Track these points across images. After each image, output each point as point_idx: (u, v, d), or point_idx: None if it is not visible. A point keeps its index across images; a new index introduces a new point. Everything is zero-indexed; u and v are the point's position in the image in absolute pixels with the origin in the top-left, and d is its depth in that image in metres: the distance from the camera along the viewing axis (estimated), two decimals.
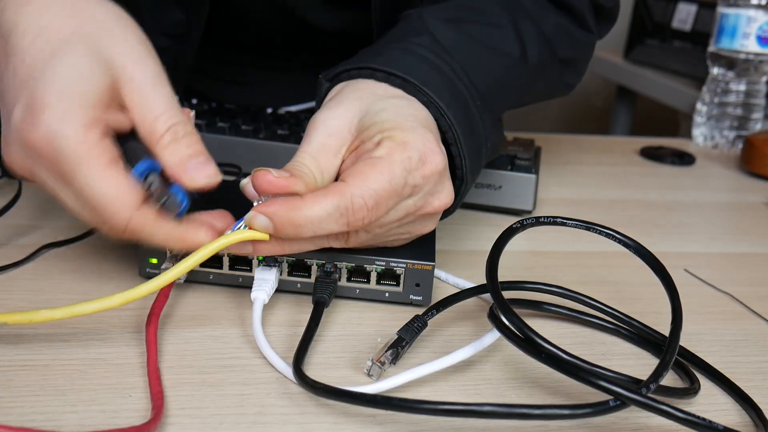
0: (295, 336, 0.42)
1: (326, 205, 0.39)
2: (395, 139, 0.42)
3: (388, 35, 0.53)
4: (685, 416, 0.33)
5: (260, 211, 0.39)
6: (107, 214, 0.38)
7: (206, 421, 0.35)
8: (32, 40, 0.39)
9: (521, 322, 0.37)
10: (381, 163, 0.41)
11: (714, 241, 0.64)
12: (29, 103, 0.37)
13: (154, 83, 0.40)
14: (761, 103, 0.97)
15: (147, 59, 0.40)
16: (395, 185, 0.40)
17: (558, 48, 0.59)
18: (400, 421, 0.36)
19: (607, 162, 0.87)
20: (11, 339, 0.40)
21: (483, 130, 0.50)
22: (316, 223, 0.39)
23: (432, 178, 0.43)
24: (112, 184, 0.37)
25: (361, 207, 0.39)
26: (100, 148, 0.37)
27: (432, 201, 0.44)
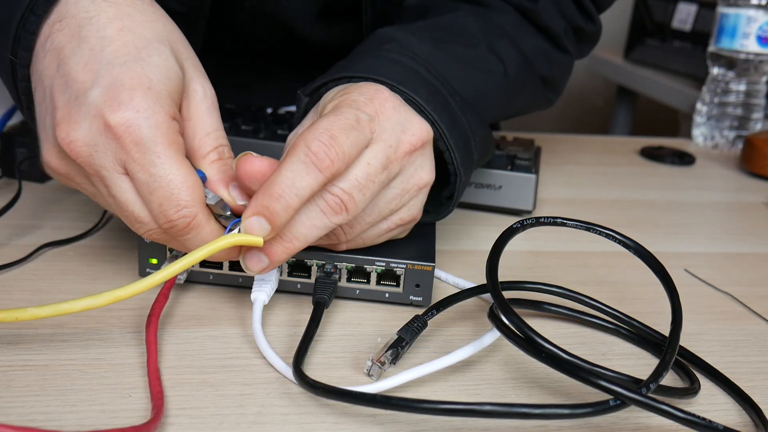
0: (295, 336, 0.42)
1: (289, 163, 0.38)
2: (339, 94, 0.42)
3: (358, 48, 0.53)
4: (685, 416, 0.33)
5: (247, 215, 0.38)
6: (180, 204, 0.38)
7: (206, 421, 0.35)
8: (119, 30, 0.39)
9: (521, 322, 0.37)
10: (327, 113, 0.41)
11: (714, 241, 0.64)
12: (113, 86, 0.37)
13: (212, 102, 0.42)
14: (761, 103, 0.97)
15: (206, 77, 0.43)
16: (345, 117, 0.40)
17: (537, 66, 0.60)
18: (400, 421, 0.36)
19: (607, 162, 0.87)
20: (11, 339, 0.40)
21: (467, 125, 0.50)
22: (291, 184, 0.38)
23: (388, 114, 0.42)
24: (190, 175, 0.38)
25: (319, 146, 0.38)
26: (179, 139, 0.39)
27: (405, 136, 0.43)
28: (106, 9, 0.40)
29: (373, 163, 0.41)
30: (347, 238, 0.44)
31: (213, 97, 0.43)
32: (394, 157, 0.42)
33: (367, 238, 0.45)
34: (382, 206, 0.44)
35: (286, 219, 0.38)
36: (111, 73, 0.38)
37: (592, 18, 0.64)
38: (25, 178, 0.59)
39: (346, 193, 0.40)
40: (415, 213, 0.46)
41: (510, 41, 0.57)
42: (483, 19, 0.57)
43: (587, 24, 0.63)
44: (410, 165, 0.44)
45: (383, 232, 0.45)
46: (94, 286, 0.47)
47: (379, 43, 0.52)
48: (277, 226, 0.38)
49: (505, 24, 0.58)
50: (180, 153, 0.39)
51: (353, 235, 0.44)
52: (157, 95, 0.38)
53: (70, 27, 0.40)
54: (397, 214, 0.45)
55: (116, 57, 0.38)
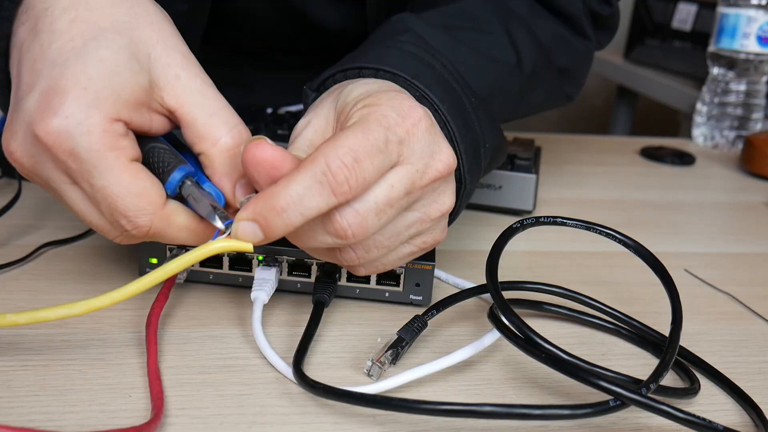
0: (295, 336, 0.42)
1: (302, 178, 0.34)
2: (369, 104, 0.38)
3: (372, 37, 0.50)
4: (685, 416, 0.33)
5: (241, 218, 0.35)
6: (130, 215, 0.36)
7: (206, 421, 0.35)
8: (71, 21, 0.36)
9: (521, 322, 0.37)
10: (353, 126, 0.36)
11: (714, 241, 0.64)
12: (48, 90, 0.34)
13: (203, 80, 0.38)
14: (761, 103, 0.97)
15: (191, 57, 0.39)
16: (374, 139, 0.35)
17: (555, 56, 0.57)
18: (400, 421, 0.36)
19: (607, 162, 0.87)
20: (11, 339, 0.40)
21: (480, 129, 0.47)
22: (299, 201, 0.34)
23: (419, 136, 0.38)
24: (135, 182, 0.35)
25: (340, 167, 0.34)
26: (122, 144, 0.35)
27: (434, 163, 0.38)
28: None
29: (396, 187, 0.37)
30: (361, 262, 0.39)
31: (202, 77, 0.38)
32: (420, 183, 0.38)
33: (387, 263, 0.41)
34: (401, 230, 0.39)
35: (283, 234, 0.35)
36: (51, 73, 0.35)
37: (607, 0, 0.60)
38: (25, 178, 0.59)
39: (360, 215, 0.36)
40: (438, 236, 0.42)
41: (526, 29, 0.54)
42: (496, 3, 0.54)
43: (602, 7, 0.60)
44: (433, 192, 0.40)
45: (405, 256, 0.41)
46: (94, 286, 0.47)
47: (393, 32, 0.49)
48: (270, 238, 0.35)
49: (519, 8, 0.55)
50: (121, 159, 0.35)
51: (369, 259, 0.39)
52: (94, 96, 0.34)
53: (30, 19, 0.37)
54: (419, 238, 0.41)
55: (59, 54, 0.35)
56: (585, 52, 0.61)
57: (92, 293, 0.45)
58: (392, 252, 0.40)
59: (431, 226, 0.41)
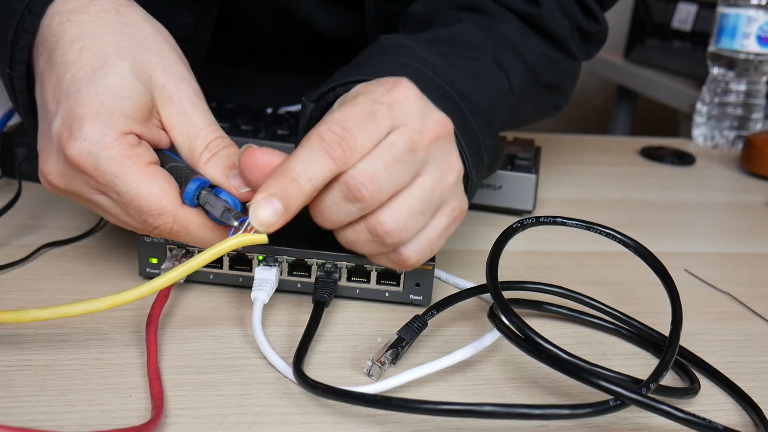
0: (295, 336, 0.42)
1: (301, 151, 0.37)
2: (368, 89, 0.41)
3: (363, 53, 0.52)
4: (685, 416, 0.33)
5: (257, 199, 0.36)
6: (154, 213, 0.39)
7: (206, 421, 0.35)
8: (79, 51, 0.40)
9: (521, 322, 0.37)
10: (342, 104, 0.40)
11: (714, 241, 0.64)
12: (67, 116, 0.38)
13: (193, 102, 0.41)
14: (761, 103, 0.97)
15: (186, 79, 0.42)
16: (360, 109, 0.38)
17: (542, 74, 0.58)
18: (400, 421, 0.36)
19: (607, 162, 0.87)
20: (11, 339, 0.40)
21: (477, 128, 0.48)
22: (304, 167, 0.37)
23: (409, 102, 0.40)
24: (153, 183, 0.39)
25: (331, 135, 0.37)
26: (137, 151, 0.39)
27: (428, 123, 0.40)
28: (69, 30, 0.41)
29: (398, 144, 0.39)
30: (404, 241, 0.40)
31: (193, 96, 0.42)
32: (420, 141, 0.39)
33: (432, 239, 0.42)
34: (428, 196, 0.40)
35: (301, 202, 0.37)
36: (68, 101, 0.39)
37: (596, 18, 0.62)
38: (25, 178, 0.59)
39: (369, 172, 0.38)
40: (462, 202, 0.43)
41: (514, 52, 0.55)
42: (486, 29, 0.56)
43: (591, 25, 0.62)
44: (439, 152, 0.41)
45: (443, 228, 0.42)
46: (94, 286, 0.47)
47: (385, 48, 0.51)
48: (291, 209, 0.37)
49: (509, 33, 0.56)
50: (138, 165, 0.39)
51: (410, 236, 0.40)
52: (108, 117, 0.38)
53: (45, 51, 0.41)
54: (448, 204, 0.42)
55: (73, 83, 0.39)
56: (571, 70, 0.63)
57: (92, 293, 0.45)
58: (430, 226, 0.41)
59: (452, 191, 0.42)
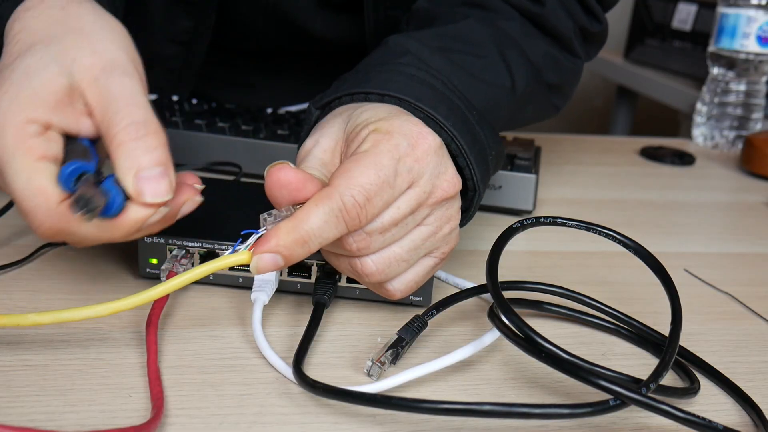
0: (295, 336, 0.43)
1: (320, 213, 0.37)
2: (380, 129, 0.41)
3: (370, 59, 0.52)
4: (685, 416, 0.33)
5: (263, 250, 0.37)
6: (27, 211, 0.37)
7: (206, 421, 0.35)
8: (14, 44, 0.40)
9: (521, 322, 0.37)
10: (366, 158, 0.39)
11: (714, 241, 0.64)
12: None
13: (121, 83, 0.38)
14: (761, 103, 0.97)
15: (119, 62, 0.39)
16: (384, 176, 0.39)
17: (545, 74, 0.58)
18: (400, 421, 0.36)
19: (607, 162, 0.87)
20: (11, 339, 0.40)
21: (485, 139, 0.49)
22: (319, 233, 0.37)
23: (428, 160, 0.41)
24: (34, 179, 0.36)
25: (354, 205, 0.38)
26: (32, 142, 0.36)
27: (440, 183, 0.41)
28: (14, 27, 0.40)
29: (402, 209, 0.40)
30: (387, 278, 0.42)
31: (123, 78, 0.38)
32: (426, 202, 0.41)
33: (417, 278, 0.43)
34: (418, 244, 0.42)
35: (302, 258, 0.38)
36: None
37: (597, 18, 0.62)
38: None
39: (365, 235, 0.39)
40: (453, 245, 0.44)
41: (518, 51, 0.55)
42: (491, 26, 0.55)
43: (592, 24, 0.61)
44: (442, 209, 0.42)
45: (429, 269, 0.43)
46: (94, 286, 0.47)
47: (392, 55, 0.50)
48: (288, 264, 0.38)
49: (512, 30, 0.56)
50: (27, 157, 0.36)
51: (393, 275, 0.42)
52: (13, 97, 0.37)
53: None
54: (439, 250, 0.43)
55: (0, 71, 0.38)
56: (574, 70, 0.62)
57: (92, 293, 0.46)
58: (416, 265, 0.43)
59: (445, 240, 0.43)
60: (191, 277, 0.38)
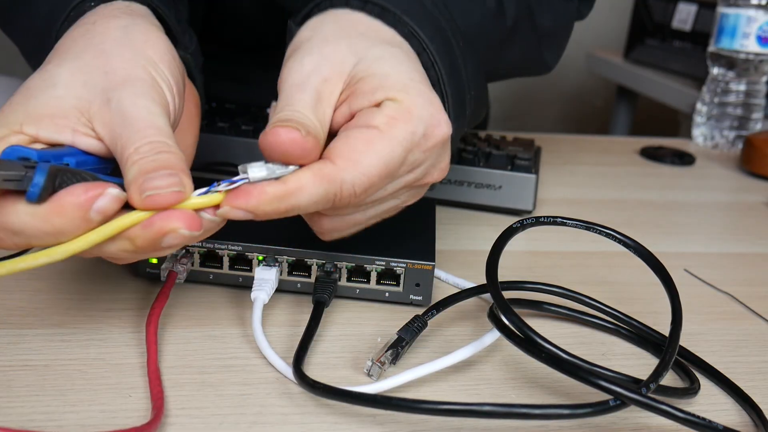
0: (295, 336, 0.43)
1: (314, 194, 0.34)
2: (401, 103, 0.37)
3: None
4: (685, 416, 0.33)
5: (240, 206, 0.34)
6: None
7: (206, 421, 0.35)
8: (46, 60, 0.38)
9: (521, 322, 0.37)
10: (380, 141, 0.36)
11: (714, 241, 0.64)
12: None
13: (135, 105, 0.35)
14: (761, 103, 0.97)
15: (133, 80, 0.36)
16: (393, 167, 0.36)
17: (536, 12, 0.55)
18: (400, 421, 0.36)
19: (607, 162, 0.87)
20: (11, 339, 0.40)
21: (465, 75, 0.45)
22: (304, 208, 0.35)
23: (434, 151, 0.39)
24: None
25: (351, 194, 0.35)
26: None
27: (432, 172, 0.40)
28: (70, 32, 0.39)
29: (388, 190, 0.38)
30: (332, 237, 0.41)
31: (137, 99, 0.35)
32: (413, 185, 0.40)
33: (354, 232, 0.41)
34: (379, 215, 0.41)
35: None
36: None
37: None
38: None
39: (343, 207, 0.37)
40: (414, 200, 0.42)
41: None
42: None
43: None
44: (418, 191, 0.41)
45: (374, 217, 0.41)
46: (95, 286, 0.47)
47: None
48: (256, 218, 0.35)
49: None
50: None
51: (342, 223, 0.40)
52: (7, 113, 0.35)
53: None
54: (387, 214, 0.42)
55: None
56: (566, 14, 0.59)
57: (92, 293, 0.46)
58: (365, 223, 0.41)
59: (401, 209, 0.42)
60: (141, 217, 0.33)
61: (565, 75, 2.09)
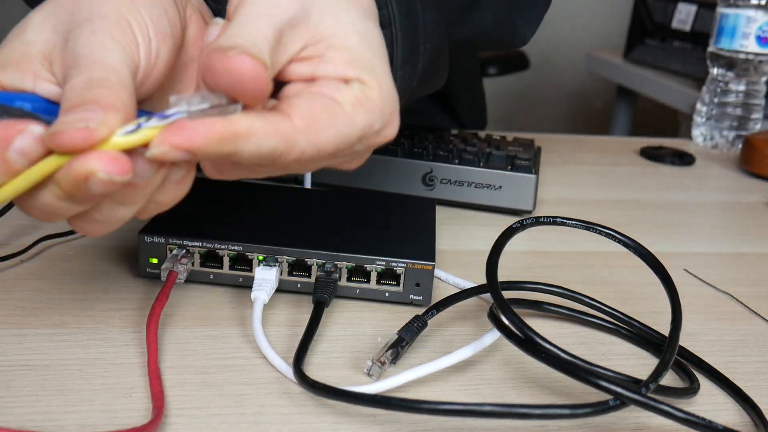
0: (295, 336, 0.43)
1: (262, 145, 0.31)
2: (369, 90, 0.35)
3: None
4: (684, 416, 0.33)
5: (179, 145, 0.29)
6: None
7: (206, 421, 0.35)
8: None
9: (521, 322, 0.37)
10: (342, 120, 0.33)
11: (714, 241, 0.64)
12: None
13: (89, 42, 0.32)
14: (761, 103, 0.97)
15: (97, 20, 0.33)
16: (341, 149, 0.34)
17: None
18: (400, 421, 0.36)
19: (607, 162, 0.87)
20: (11, 339, 0.40)
21: (423, 24, 0.43)
22: (241, 157, 0.31)
23: (373, 147, 0.37)
24: None
25: (294, 160, 0.32)
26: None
27: (352, 162, 0.38)
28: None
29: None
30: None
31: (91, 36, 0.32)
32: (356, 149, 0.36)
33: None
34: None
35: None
36: None
37: None
38: None
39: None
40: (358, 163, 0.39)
41: None
42: None
43: None
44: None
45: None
46: (95, 285, 0.47)
47: None
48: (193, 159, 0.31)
49: None
50: None
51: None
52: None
53: None
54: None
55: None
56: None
57: (92, 293, 0.46)
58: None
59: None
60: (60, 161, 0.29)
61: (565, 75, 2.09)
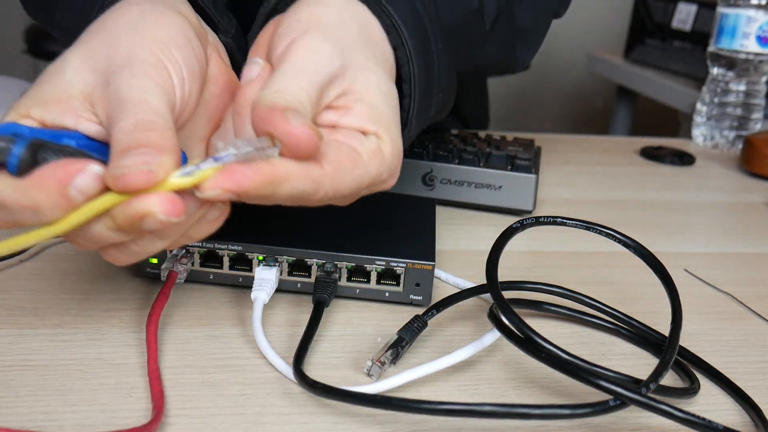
0: (295, 336, 0.43)
1: (296, 188, 0.34)
2: (384, 144, 0.38)
3: None
4: (684, 416, 0.33)
5: (229, 188, 0.31)
6: None
7: (206, 421, 0.35)
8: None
9: (521, 322, 0.37)
10: (360, 168, 0.36)
11: (714, 241, 0.64)
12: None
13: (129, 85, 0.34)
14: (761, 103, 0.97)
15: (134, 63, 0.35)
16: (354, 192, 0.37)
17: (516, 11, 0.55)
18: (400, 421, 0.36)
19: (607, 162, 0.87)
20: (11, 339, 0.40)
21: (437, 76, 0.45)
22: (277, 198, 0.33)
23: (372, 193, 0.39)
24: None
25: (318, 200, 0.35)
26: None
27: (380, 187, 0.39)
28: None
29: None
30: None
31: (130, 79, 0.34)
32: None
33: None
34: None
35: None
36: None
37: None
38: None
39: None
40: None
41: None
42: None
43: None
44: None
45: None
46: (95, 286, 0.47)
47: None
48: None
49: None
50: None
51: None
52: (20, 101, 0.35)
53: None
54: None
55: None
56: (545, 13, 0.59)
57: (92, 293, 0.46)
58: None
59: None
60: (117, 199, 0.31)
61: (565, 75, 2.09)
